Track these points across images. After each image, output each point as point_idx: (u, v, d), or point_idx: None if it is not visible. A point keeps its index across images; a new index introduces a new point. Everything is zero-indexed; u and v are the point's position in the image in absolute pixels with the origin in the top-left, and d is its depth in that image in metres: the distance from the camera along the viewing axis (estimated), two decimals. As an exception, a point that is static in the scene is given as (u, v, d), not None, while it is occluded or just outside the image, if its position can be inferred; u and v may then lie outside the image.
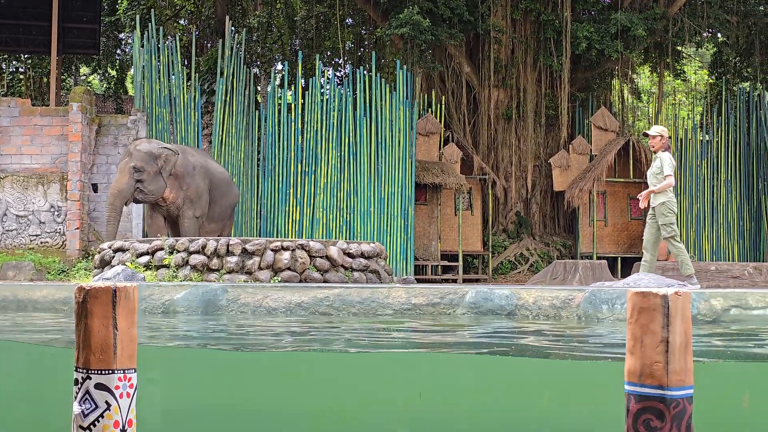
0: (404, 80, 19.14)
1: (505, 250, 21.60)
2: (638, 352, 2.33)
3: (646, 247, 11.24)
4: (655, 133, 11.17)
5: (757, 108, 21.94)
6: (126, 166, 13.74)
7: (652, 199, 11.05)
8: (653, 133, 11.19)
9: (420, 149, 20.14)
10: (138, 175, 13.65)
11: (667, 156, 11.12)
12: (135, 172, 13.64)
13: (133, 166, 13.64)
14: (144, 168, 13.66)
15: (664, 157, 11.07)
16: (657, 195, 10.97)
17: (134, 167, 13.64)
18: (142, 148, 13.89)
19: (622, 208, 21.85)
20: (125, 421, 2.57)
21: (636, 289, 2.36)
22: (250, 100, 19.15)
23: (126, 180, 13.68)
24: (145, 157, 13.73)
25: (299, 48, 28.08)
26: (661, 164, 10.98)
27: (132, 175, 13.65)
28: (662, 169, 10.96)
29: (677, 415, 2.28)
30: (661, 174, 10.99)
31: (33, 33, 24.81)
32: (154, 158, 13.78)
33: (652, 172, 11.14)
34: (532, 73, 22.60)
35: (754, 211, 21.78)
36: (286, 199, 18.68)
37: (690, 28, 23.20)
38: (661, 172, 10.99)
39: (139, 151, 13.79)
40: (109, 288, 2.58)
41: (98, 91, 32.21)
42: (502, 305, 6.73)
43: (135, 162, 13.66)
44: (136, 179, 13.66)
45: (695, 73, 33.69)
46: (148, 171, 13.68)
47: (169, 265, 11.61)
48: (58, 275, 15.70)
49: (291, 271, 11.57)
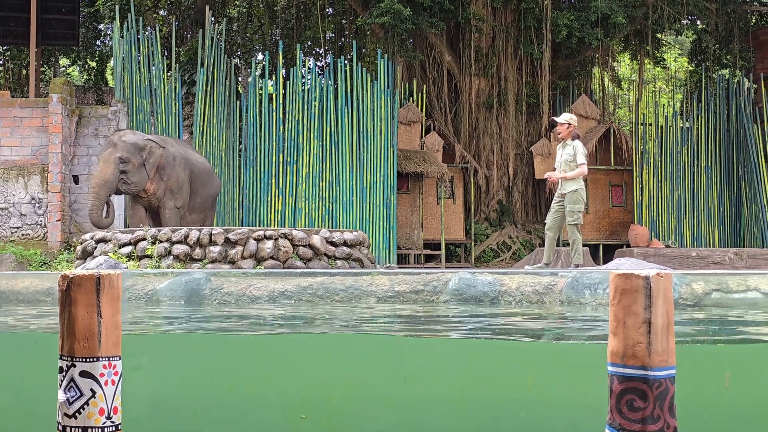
0: (385, 69, 19.13)
1: (487, 239, 21.63)
2: (621, 333, 2.35)
3: (551, 227, 11.52)
4: (563, 121, 11.36)
5: (736, 95, 22.05)
6: (111, 157, 13.55)
7: (563, 185, 11.25)
8: (561, 121, 11.38)
9: (401, 138, 20.15)
10: (123, 165, 13.51)
11: (580, 144, 11.39)
12: (120, 163, 13.49)
13: (119, 157, 13.49)
14: (129, 159, 13.53)
15: (578, 146, 11.33)
16: (569, 182, 11.22)
17: (120, 158, 13.49)
18: (128, 139, 13.76)
19: (603, 195, 21.93)
20: (110, 408, 2.57)
21: (618, 271, 2.38)
22: (230, 91, 19.10)
23: (111, 170, 13.52)
24: (131, 149, 13.60)
25: (280, 38, 27.99)
26: (574, 152, 11.25)
27: (117, 166, 13.49)
28: (575, 157, 11.21)
29: (660, 395, 2.30)
30: (574, 162, 11.20)
31: (11, 24, 24.62)
32: (139, 150, 13.66)
33: (563, 159, 11.33)
34: (512, 62, 22.62)
35: (734, 197, 21.91)
36: (268, 189, 18.65)
37: (669, 15, 23.26)
38: (573, 159, 11.20)
39: (124, 142, 13.65)
40: (93, 276, 2.58)
41: (78, 83, 32.01)
42: (485, 291, 6.75)
43: (121, 153, 13.52)
44: (121, 170, 13.53)
45: (675, 60, 33.78)
46: (133, 162, 13.56)
47: (152, 255, 11.57)
48: (40, 267, 15.63)
49: (274, 260, 11.55)
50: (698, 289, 6.49)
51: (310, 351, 4.87)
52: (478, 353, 4.72)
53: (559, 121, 11.44)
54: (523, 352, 4.72)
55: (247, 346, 4.99)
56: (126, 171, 13.54)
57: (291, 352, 4.87)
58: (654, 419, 2.29)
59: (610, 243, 21.18)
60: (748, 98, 21.98)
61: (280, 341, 5.17)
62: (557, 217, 11.47)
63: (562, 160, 11.34)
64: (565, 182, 11.26)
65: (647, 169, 21.49)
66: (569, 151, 11.31)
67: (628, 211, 21.87)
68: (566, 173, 11.24)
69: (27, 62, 27.71)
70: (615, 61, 28.83)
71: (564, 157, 11.34)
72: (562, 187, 11.32)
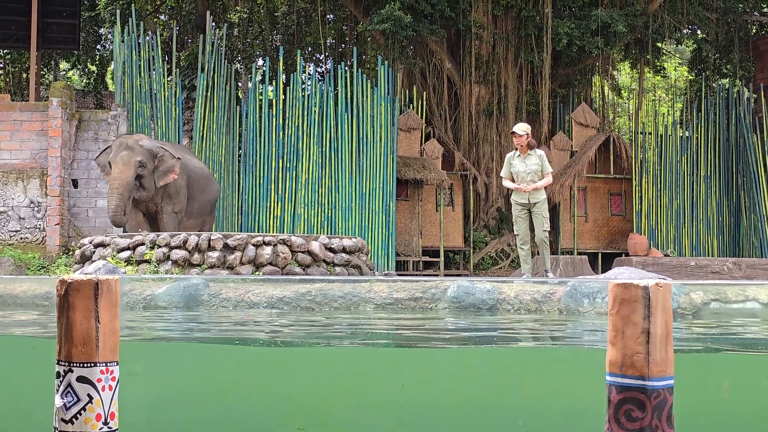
0: (385, 76, 19.14)
1: (486, 246, 21.63)
2: (619, 343, 2.35)
3: (525, 241, 11.61)
4: (523, 132, 11.46)
5: (736, 104, 22.07)
6: (131, 159, 13.32)
7: (534, 194, 11.35)
8: (522, 132, 11.45)
9: (401, 145, 20.15)
10: (141, 170, 13.42)
11: (543, 153, 11.55)
12: (139, 167, 13.39)
13: (139, 161, 13.36)
14: (146, 164, 13.45)
15: (543, 154, 11.55)
16: (539, 191, 11.31)
17: (139, 162, 13.37)
18: (145, 144, 13.63)
19: (602, 203, 21.93)
20: (107, 414, 2.57)
21: (617, 280, 2.38)
22: (231, 96, 19.11)
23: (132, 173, 13.23)
24: (147, 154, 13.50)
25: (280, 43, 28.00)
26: (541, 162, 11.40)
27: (136, 169, 13.38)
28: (542, 166, 11.38)
29: (658, 406, 2.30)
30: (541, 171, 11.30)
31: (12, 28, 24.62)
32: (153, 157, 13.61)
33: (531, 169, 11.42)
34: (513, 69, 22.63)
35: (733, 207, 21.91)
36: (268, 195, 18.66)
37: (670, 24, 23.31)
38: (541, 168, 11.28)
39: (141, 147, 13.52)
40: (91, 281, 2.58)
41: (78, 87, 32.01)
42: (483, 299, 6.75)
43: (140, 157, 13.41)
44: (138, 174, 13.43)
45: (675, 69, 33.82)
46: (149, 168, 13.50)
47: (151, 260, 11.56)
48: (38, 271, 15.61)
49: (273, 266, 11.55)
50: (697, 299, 6.49)
51: (308, 359, 4.87)
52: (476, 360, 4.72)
53: (519, 133, 11.50)
54: (520, 359, 4.71)
55: (244, 354, 4.98)
56: (142, 176, 13.47)
57: (288, 360, 4.87)
58: (652, 429, 2.29)
59: (609, 252, 21.18)
60: (747, 108, 22.00)
61: (277, 349, 5.16)
62: (526, 228, 11.59)
63: (530, 170, 11.44)
64: (536, 192, 11.37)
65: (647, 178, 21.49)
66: (535, 160, 11.47)
67: (627, 219, 21.88)
68: (536, 182, 11.37)
69: (27, 66, 27.73)
70: (615, 69, 28.86)
71: (531, 167, 11.46)
72: (532, 196, 11.41)
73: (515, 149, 11.60)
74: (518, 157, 11.52)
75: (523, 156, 11.50)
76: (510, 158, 11.63)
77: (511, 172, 11.58)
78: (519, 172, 11.47)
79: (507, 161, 11.65)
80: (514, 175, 11.53)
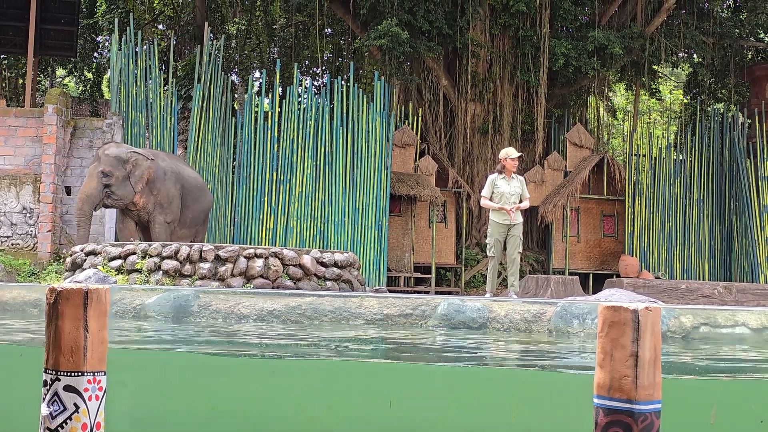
0: (382, 91, 19.18)
1: (477, 264, 21.62)
2: (608, 365, 2.35)
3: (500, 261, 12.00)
4: (516, 156, 11.66)
5: (730, 129, 22.15)
6: (94, 171, 13.61)
7: (516, 216, 11.67)
8: (516, 156, 11.75)
9: (396, 161, 20.17)
10: (106, 179, 13.53)
11: (523, 179, 12.03)
12: (103, 177, 13.51)
13: (102, 171, 13.52)
14: (112, 173, 13.52)
15: (523, 180, 12.16)
16: (518, 214, 11.49)
17: (102, 171, 13.52)
18: (111, 152, 13.76)
19: (595, 224, 21.96)
20: (93, 424, 2.56)
21: (607, 303, 2.38)
22: (226, 107, 19.11)
23: (94, 184, 13.56)
24: (114, 162, 13.60)
25: (277, 56, 28.05)
26: (522, 186, 11.84)
27: (100, 180, 13.53)
28: (523, 191, 11.83)
29: (645, 429, 2.30)
30: (523, 194, 11.76)
31: (9, 33, 24.62)
32: (123, 163, 13.65)
33: (514, 192, 11.68)
34: (509, 88, 22.69)
35: (725, 231, 21.96)
36: (261, 207, 18.64)
37: (666, 47, 23.40)
38: (522, 192, 11.73)
39: (107, 156, 13.67)
40: (81, 290, 2.57)
41: (74, 94, 31.99)
42: (473, 317, 6.74)
43: (103, 166, 13.55)
44: (104, 184, 13.54)
45: (670, 92, 33.94)
46: (116, 176, 13.55)
47: (142, 269, 11.54)
48: (28, 277, 15.57)
49: (264, 279, 11.53)
50: (686, 323, 6.49)
51: (295, 373, 4.85)
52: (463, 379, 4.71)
53: (514, 157, 11.81)
54: (508, 379, 4.71)
55: (232, 366, 4.97)
56: (109, 185, 13.55)
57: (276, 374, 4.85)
58: (638, 453, 2.28)
59: (600, 273, 21.19)
60: (741, 133, 22.07)
61: (265, 363, 5.15)
62: (501, 250, 11.86)
63: (514, 193, 11.71)
64: (517, 213, 11.52)
65: (639, 200, 21.54)
66: (517, 184, 11.81)
67: (619, 241, 21.90)
68: (519, 205, 11.63)
69: (24, 71, 27.72)
70: (611, 91, 28.96)
71: (515, 189, 11.71)
72: (515, 218, 11.62)
73: (498, 172, 11.81)
74: (503, 179, 11.73)
75: (508, 179, 11.72)
76: (494, 179, 11.83)
77: (492, 194, 11.76)
78: (504, 194, 11.67)
79: (490, 182, 11.85)
80: (497, 197, 11.72)
